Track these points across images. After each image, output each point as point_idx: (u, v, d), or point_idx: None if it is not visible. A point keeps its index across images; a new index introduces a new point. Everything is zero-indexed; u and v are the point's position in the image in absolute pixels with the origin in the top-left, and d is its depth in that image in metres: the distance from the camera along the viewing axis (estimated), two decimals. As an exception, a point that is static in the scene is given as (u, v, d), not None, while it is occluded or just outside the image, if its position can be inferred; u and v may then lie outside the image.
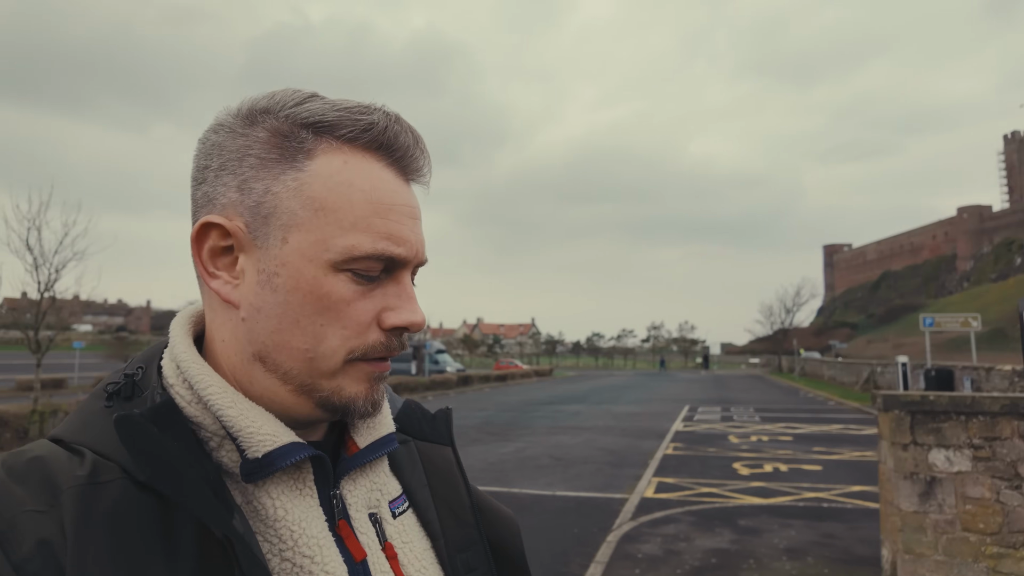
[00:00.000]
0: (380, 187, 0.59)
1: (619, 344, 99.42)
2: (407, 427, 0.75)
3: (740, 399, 26.30)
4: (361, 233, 0.57)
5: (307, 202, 0.57)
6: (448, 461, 0.75)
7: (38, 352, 14.44)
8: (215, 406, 0.57)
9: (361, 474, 0.66)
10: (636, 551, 6.17)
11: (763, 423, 17.26)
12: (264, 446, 0.56)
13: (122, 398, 0.58)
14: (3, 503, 0.50)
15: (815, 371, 44.13)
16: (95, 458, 0.53)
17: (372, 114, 0.59)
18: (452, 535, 0.70)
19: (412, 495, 0.70)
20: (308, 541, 0.57)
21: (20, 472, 0.52)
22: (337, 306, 0.57)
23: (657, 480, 9.49)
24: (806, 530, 6.85)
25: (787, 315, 62.61)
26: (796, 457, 11.57)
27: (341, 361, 0.58)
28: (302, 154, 0.58)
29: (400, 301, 0.60)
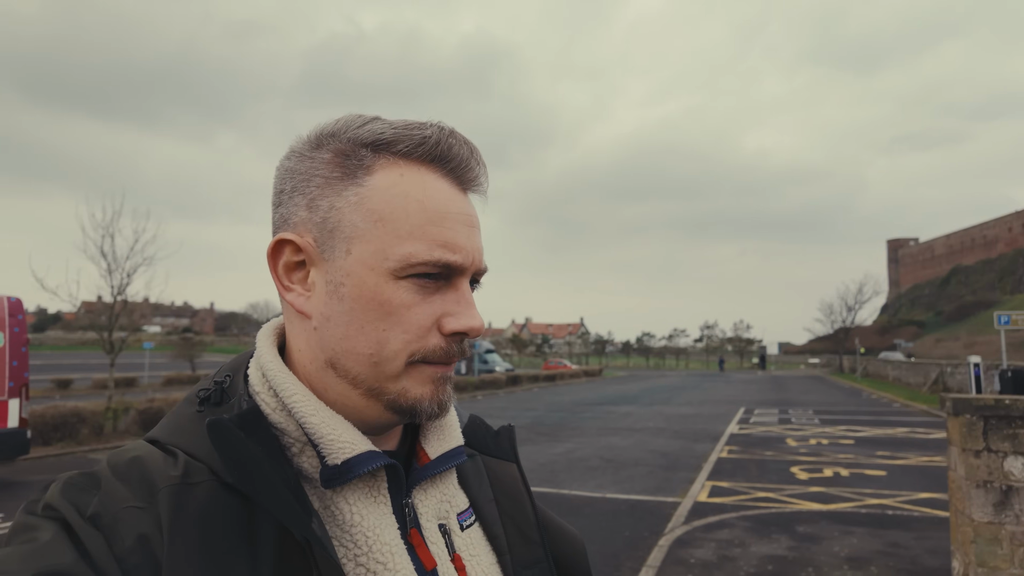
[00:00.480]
0: (435, 196, 0.62)
1: (671, 344, 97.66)
2: (473, 441, 0.77)
3: (798, 401, 25.45)
4: (417, 241, 0.60)
5: (367, 214, 0.61)
6: (514, 478, 0.77)
7: (112, 352, 15.25)
8: (299, 413, 0.60)
9: (431, 485, 0.68)
10: (689, 556, 6.06)
11: (823, 426, 16.65)
12: (343, 453, 0.59)
13: (211, 404, 0.62)
14: (108, 499, 0.53)
15: (879, 372, 42.26)
16: (187, 459, 0.57)
17: (426, 129, 0.63)
18: (518, 552, 0.72)
19: (479, 509, 0.72)
20: (382, 548, 0.59)
21: (122, 471, 0.56)
22: (398, 311, 0.60)
23: (711, 484, 9.28)
24: (869, 538, 6.57)
25: (849, 313, 60.23)
26: (858, 461, 11.11)
27: (403, 364, 0.60)
28: (362, 170, 0.62)
29: (459, 307, 0.62)
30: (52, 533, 0.51)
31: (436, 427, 0.70)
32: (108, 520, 0.52)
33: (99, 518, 0.52)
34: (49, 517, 0.53)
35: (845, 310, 60.38)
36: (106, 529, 0.52)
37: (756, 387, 35.45)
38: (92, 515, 0.53)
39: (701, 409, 21.68)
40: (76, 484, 0.55)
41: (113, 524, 0.52)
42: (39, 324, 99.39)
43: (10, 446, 9.36)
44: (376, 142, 0.62)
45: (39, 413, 12.11)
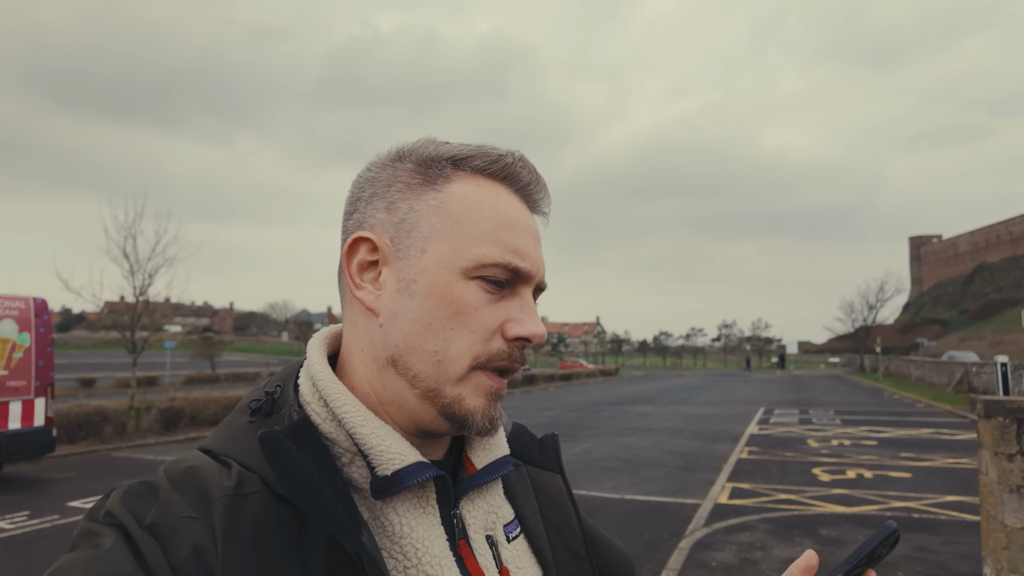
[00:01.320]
0: (507, 207, 0.66)
1: (688, 343, 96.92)
2: (518, 451, 0.77)
3: (819, 401, 25.11)
4: (490, 244, 0.63)
5: (445, 216, 0.64)
6: (559, 490, 0.77)
7: (134, 352, 15.47)
8: (349, 423, 0.61)
9: (478, 495, 0.68)
10: (710, 559, 5.98)
11: (844, 426, 16.41)
12: (393, 464, 0.60)
13: (263, 414, 0.63)
14: (165, 509, 0.55)
15: (901, 371, 41.58)
16: (240, 470, 0.59)
17: (501, 150, 0.67)
18: (565, 566, 0.71)
19: (524, 521, 0.72)
20: (431, 560, 0.60)
21: (179, 480, 0.57)
22: (467, 311, 0.61)
23: (731, 485, 9.17)
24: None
25: (870, 311, 59.31)
26: (882, 463, 10.93)
27: (467, 366, 0.62)
28: (442, 179, 0.65)
29: (523, 314, 0.63)
30: (113, 540, 0.53)
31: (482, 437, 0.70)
32: (165, 530, 0.53)
33: (157, 527, 0.54)
34: (110, 524, 0.54)
35: (866, 308, 59.47)
36: (163, 539, 0.53)
37: (775, 387, 35.07)
38: (150, 524, 0.54)
39: (720, 409, 21.48)
40: (135, 493, 0.56)
41: (170, 534, 0.53)
42: (64, 324, 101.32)
43: (36, 444, 9.52)
44: (456, 157, 0.66)
45: (64, 412, 12.32)
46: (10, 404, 9.19)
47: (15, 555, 6.02)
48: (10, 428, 9.13)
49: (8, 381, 9.17)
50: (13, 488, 8.97)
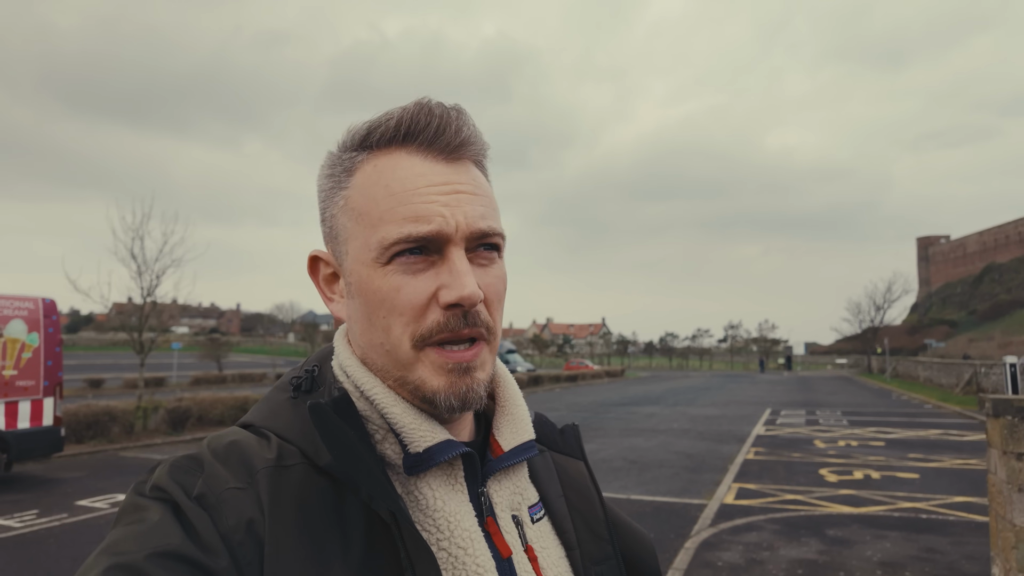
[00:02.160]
0: (402, 176, 0.63)
1: (694, 344, 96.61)
2: (542, 437, 0.79)
3: (826, 402, 24.99)
4: (387, 224, 0.62)
5: (351, 214, 0.65)
6: (582, 475, 0.79)
7: (142, 353, 15.55)
8: (380, 404, 0.63)
9: (505, 476, 0.70)
10: (716, 559, 5.96)
11: (852, 427, 16.33)
12: (424, 441, 0.62)
13: (304, 391, 0.67)
14: (213, 480, 0.57)
15: (909, 372, 41.33)
16: (280, 443, 0.61)
17: (397, 110, 0.64)
18: (588, 548, 0.73)
19: (549, 504, 0.74)
20: (462, 533, 0.62)
21: (222, 454, 0.60)
22: (390, 296, 0.62)
23: (738, 486, 9.14)
24: (903, 543, 6.41)
25: (877, 312, 59.02)
26: (889, 464, 10.86)
27: (409, 348, 0.62)
28: (345, 173, 0.66)
29: (451, 278, 0.61)
30: (161, 513, 0.54)
31: (508, 419, 0.72)
32: (213, 500, 0.56)
33: (204, 498, 0.56)
34: (157, 498, 0.56)
35: (873, 309, 59.21)
36: (211, 509, 0.55)
37: (782, 388, 34.93)
38: (198, 495, 0.56)
39: (726, 410, 21.40)
40: (182, 466, 0.58)
41: (218, 504, 0.55)
42: (73, 325, 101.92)
43: (45, 443, 9.59)
44: (356, 141, 0.65)
45: (72, 412, 12.40)
46: (19, 404, 9.26)
47: (24, 553, 6.06)
48: (19, 427, 9.20)
49: (17, 381, 9.23)
50: (22, 487, 9.03)
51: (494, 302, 0.65)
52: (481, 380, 0.64)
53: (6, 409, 9.10)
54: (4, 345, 9.15)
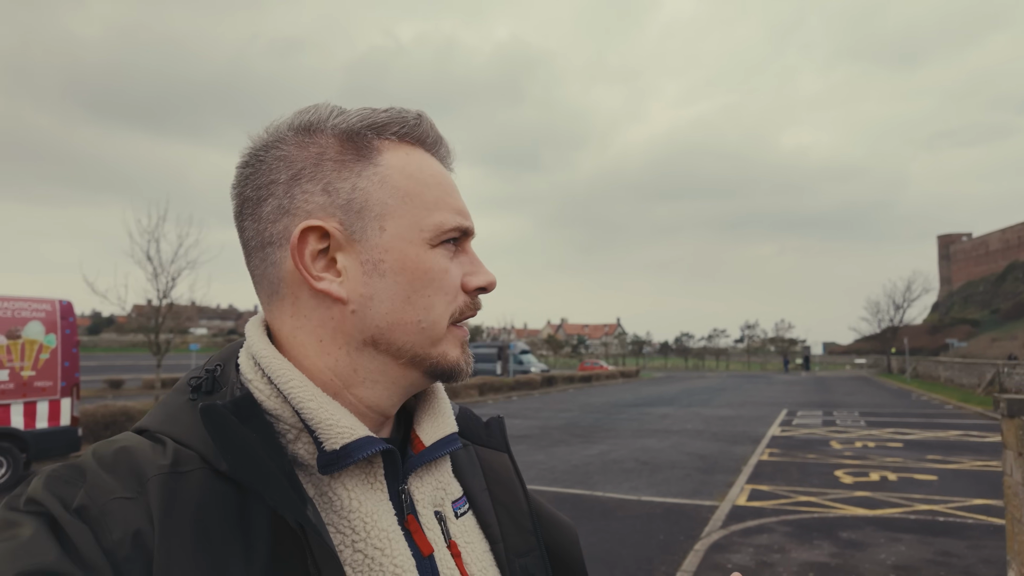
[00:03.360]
0: (439, 171, 0.68)
1: (710, 345, 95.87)
2: (465, 431, 0.78)
3: (843, 402, 24.67)
4: (443, 211, 0.66)
5: (393, 191, 0.64)
6: (506, 468, 0.78)
7: (158, 354, 15.76)
8: (296, 398, 0.60)
9: (427, 472, 0.69)
10: (726, 561, 5.89)
11: (869, 428, 16.09)
12: (342, 438, 0.59)
13: (203, 392, 0.61)
14: (95, 491, 0.52)
15: (929, 372, 40.68)
16: (177, 447, 0.56)
17: (409, 113, 0.67)
18: (512, 540, 0.72)
19: (473, 498, 0.73)
20: (379, 533, 0.59)
21: (109, 461, 0.54)
22: (440, 276, 0.65)
23: (750, 487, 9.04)
24: (919, 546, 6.29)
25: (896, 312, 58.16)
26: (907, 465, 10.69)
27: (446, 325, 0.65)
28: (373, 151, 0.65)
29: (475, 266, 0.68)
30: (34, 529, 0.49)
31: (430, 414, 0.71)
32: (95, 512, 0.50)
33: (85, 510, 0.50)
34: (31, 512, 0.50)
35: (893, 309, 58.36)
36: (93, 522, 0.50)
37: (799, 388, 34.54)
38: (78, 507, 0.50)
39: (741, 411, 21.21)
40: (60, 476, 0.53)
41: (101, 516, 0.50)
42: (94, 327, 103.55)
43: (62, 443, 9.74)
44: (373, 125, 0.65)
45: (90, 412, 12.58)
46: (37, 404, 9.41)
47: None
48: (37, 427, 9.35)
49: (35, 381, 9.39)
50: (40, 486, 9.18)
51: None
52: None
53: (24, 409, 9.26)
54: (22, 346, 9.31)
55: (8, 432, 8.98)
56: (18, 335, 9.25)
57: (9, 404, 9.07)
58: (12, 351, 9.17)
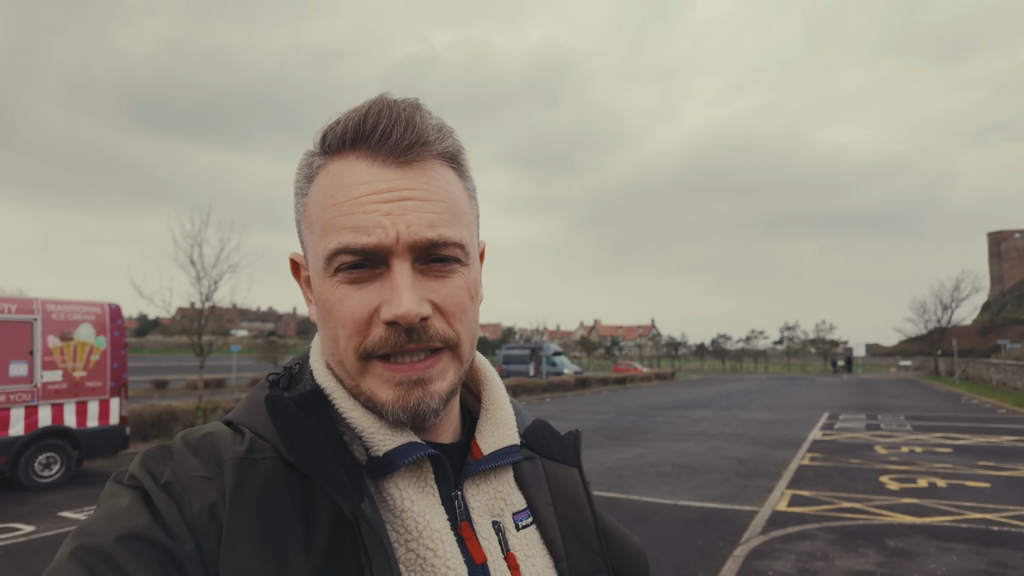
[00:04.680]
0: (346, 183, 0.61)
1: (748, 346, 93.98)
2: (535, 444, 0.77)
3: (888, 406, 23.89)
4: (330, 234, 0.60)
5: (307, 223, 0.65)
6: (574, 483, 0.75)
7: (201, 355, 16.20)
8: (340, 409, 0.64)
9: (484, 480, 0.69)
10: (766, 568, 5.76)
11: (916, 432, 15.55)
12: (384, 445, 0.62)
13: (280, 388, 0.67)
14: (180, 469, 0.59)
15: (980, 375, 39.13)
16: (253, 437, 0.62)
17: (349, 111, 0.62)
18: (576, 559, 0.71)
19: (536, 512, 0.72)
20: (432, 534, 0.61)
21: (195, 445, 0.61)
22: (335, 308, 0.61)
23: (791, 492, 8.82)
24: (971, 556, 6.04)
25: (944, 312, 56.07)
26: (957, 472, 10.29)
27: (355, 360, 0.61)
28: (306, 180, 0.65)
29: (391, 293, 0.59)
30: (130, 499, 0.57)
31: (491, 423, 0.71)
32: (179, 488, 0.57)
33: (171, 486, 0.57)
34: (130, 486, 0.59)
35: (940, 309, 56.28)
36: (177, 496, 0.57)
37: (842, 391, 33.59)
38: (165, 483, 0.58)
39: (781, 414, 20.73)
40: (154, 456, 0.61)
41: (183, 491, 0.57)
42: (141, 329, 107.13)
43: (112, 441, 10.10)
44: (317, 145, 0.64)
45: (137, 411, 13.01)
46: (88, 403, 9.78)
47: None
48: (88, 426, 9.71)
49: (86, 382, 9.75)
50: (92, 482, 9.53)
51: (453, 313, 0.62)
52: (436, 392, 0.61)
53: (76, 408, 9.63)
54: (74, 348, 9.68)
55: (62, 430, 9.35)
56: (70, 337, 9.63)
57: (62, 403, 9.44)
58: (65, 352, 9.55)
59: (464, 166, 0.67)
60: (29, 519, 7.35)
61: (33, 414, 9.09)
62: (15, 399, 8.91)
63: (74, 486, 9.20)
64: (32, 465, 8.98)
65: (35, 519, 7.35)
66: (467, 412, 0.76)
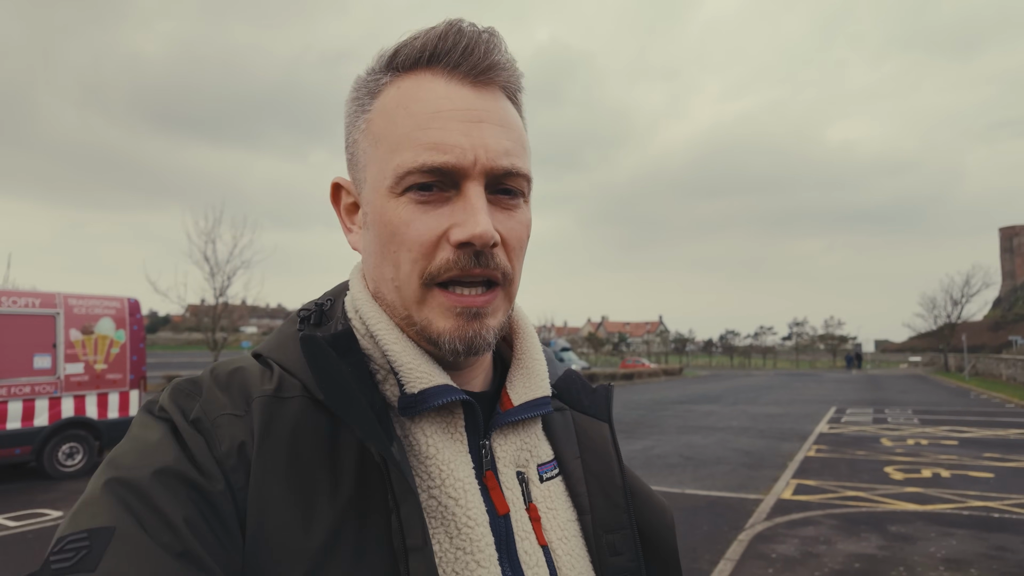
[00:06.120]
0: (425, 98, 0.59)
1: (756, 342, 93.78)
2: (565, 396, 0.75)
3: (896, 400, 23.91)
4: (405, 150, 0.58)
5: (371, 138, 0.61)
6: (603, 438, 0.74)
7: (215, 350, 16.49)
8: (382, 341, 0.62)
9: (512, 431, 0.67)
10: (770, 551, 5.92)
11: (923, 426, 15.61)
12: (420, 383, 0.60)
13: (311, 324, 0.65)
14: (209, 405, 0.58)
15: (990, 370, 38.96)
16: (282, 374, 0.61)
17: (425, 30, 0.61)
18: (601, 513, 0.69)
19: (563, 464, 0.71)
20: (455, 483, 0.59)
21: (224, 381, 0.61)
22: (400, 230, 0.59)
23: (796, 482, 8.97)
24: (971, 540, 6.18)
25: (954, 307, 55.77)
26: (962, 463, 10.39)
27: (417, 286, 0.59)
28: (370, 96, 0.63)
29: (464, 215, 0.57)
30: (161, 433, 0.56)
31: (522, 373, 0.69)
32: (207, 424, 0.56)
33: (200, 422, 0.57)
34: (160, 418, 0.58)
35: (950, 304, 55.99)
36: (206, 432, 0.56)
37: (850, 386, 33.56)
38: (194, 419, 0.57)
39: (789, 408, 20.80)
40: (183, 390, 0.60)
41: (212, 428, 0.56)
42: (151, 326, 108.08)
43: (131, 433, 10.37)
44: (383, 64, 0.62)
45: (154, 405, 13.31)
46: (109, 395, 10.04)
47: (117, 529, 6.63)
48: (109, 417, 9.98)
49: (107, 374, 10.02)
50: (112, 472, 9.79)
51: (515, 248, 0.62)
52: (491, 327, 0.61)
53: (98, 400, 9.90)
54: (95, 341, 9.94)
55: (84, 421, 9.62)
56: (91, 331, 9.89)
57: (84, 395, 9.71)
58: (86, 345, 9.81)
59: (523, 108, 0.66)
60: (56, 505, 7.61)
61: (56, 405, 9.36)
62: (39, 391, 9.18)
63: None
64: (56, 455, 9.25)
65: (62, 506, 7.61)
66: (499, 359, 0.74)
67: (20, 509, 7.40)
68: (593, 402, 0.76)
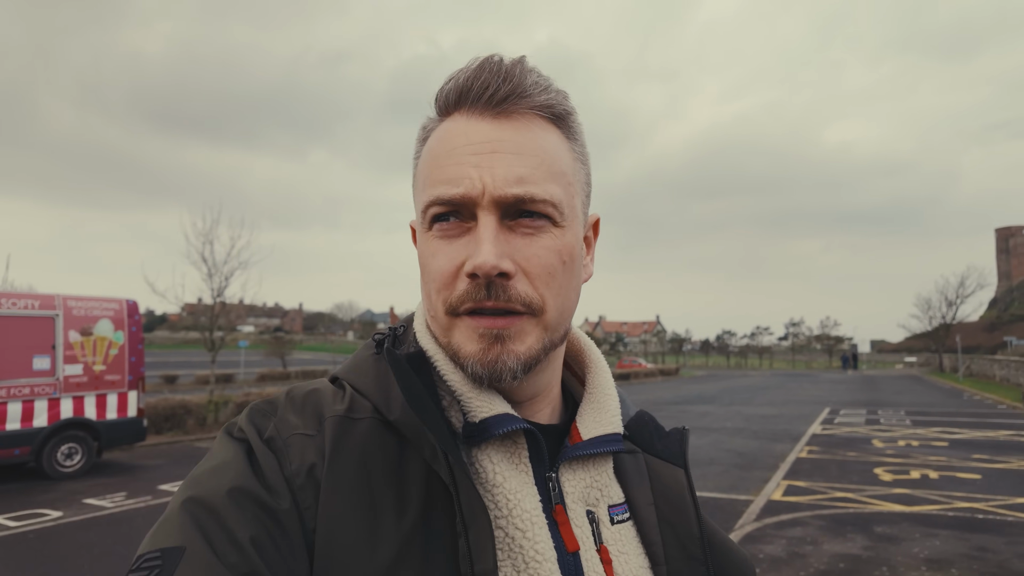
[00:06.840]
0: (445, 139, 0.61)
1: (753, 342, 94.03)
2: (637, 437, 0.72)
3: (889, 401, 24.08)
4: (426, 189, 0.61)
5: (415, 184, 0.65)
6: (679, 484, 0.70)
7: (213, 350, 16.56)
8: (441, 371, 0.63)
9: (581, 467, 0.65)
10: (757, 552, 6.05)
11: (914, 427, 15.77)
12: (481, 412, 0.60)
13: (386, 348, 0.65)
14: (282, 425, 0.60)
15: (984, 371, 39.20)
16: (354, 395, 0.62)
17: (458, 75, 0.62)
18: (677, 566, 0.66)
19: (635, 509, 0.68)
20: (522, 514, 0.58)
21: (299, 402, 0.63)
22: (427, 262, 0.62)
23: (787, 483, 9.10)
24: (954, 541, 6.32)
25: (949, 308, 56.02)
26: (950, 464, 10.54)
27: (444, 315, 0.60)
28: (420, 143, 0.66)
29: (474, 246, 0.58)
30: (235, 452, 0.58)
31: (593, 407, 0.68)
32: (280, 444, 0.58)
33: (273, 441, 0.58)
34: (237, 438, 0.60)
35: (945, 305, 56.25)
36: (278, 451, 0.57)
37: (845, 387, 33.74)
38: (268, 438, 0.58)
39: (783, 409, 20.96)
40: (260, 410, 0.62)
41: (284, 448, 0.58)
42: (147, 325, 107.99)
43: (131, 433, 10.45)
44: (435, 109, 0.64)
45: (152, 405, 13.37)
46: (107, 396, 10.13)
47: (116, 530, 6.74)
48: (108, 418, 10.07)
49: (106, 375, 10.11)
50: (112, 472, 9.90)
51: (538, 276, 0.59)
52: (516, 352, 0.58)
53: (96, 401, 9.99)
54: (94, 343, 10.03)
55: (82, 422, 9.71)
56: (90, 332, 9.98)
57: (83, 396, 9.80)
58: (85, 347, 9.90)
59: (574, 129, 0.65)
60: (56, 505, 7.72)
61: (56, 406, 9.45)
62: (39, 392, 9.28)
63: (95, 475, 9.56)
64: (55, 455, 9.34)
65: (61, 505, 7.72)
66: (570, 397, 0.73)
67: (20, 509, 7.50)
68: (667, 446, 0.73)
